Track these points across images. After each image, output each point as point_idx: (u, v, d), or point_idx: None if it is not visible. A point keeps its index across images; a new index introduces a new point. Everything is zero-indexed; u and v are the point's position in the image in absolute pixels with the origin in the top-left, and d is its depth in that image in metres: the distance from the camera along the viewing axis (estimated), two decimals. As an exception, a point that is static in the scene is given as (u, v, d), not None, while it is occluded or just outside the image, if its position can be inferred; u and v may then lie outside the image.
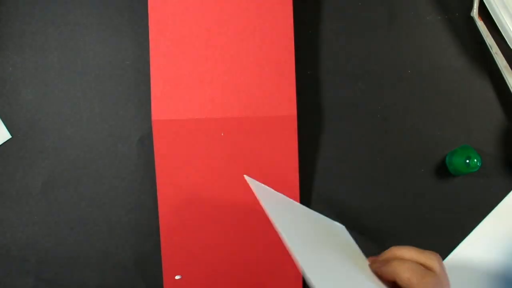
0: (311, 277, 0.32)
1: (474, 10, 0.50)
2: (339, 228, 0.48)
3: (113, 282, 0.49)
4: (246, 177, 0.47)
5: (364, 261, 0.42)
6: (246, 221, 0.49)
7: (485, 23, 0.50)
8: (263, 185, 0.47)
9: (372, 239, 0.50)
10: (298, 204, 0.48)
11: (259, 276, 0.49)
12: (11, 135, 0.48)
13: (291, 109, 0.48)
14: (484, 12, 0.50)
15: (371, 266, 0.41)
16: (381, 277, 0.39)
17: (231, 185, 0.48)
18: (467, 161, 0.47)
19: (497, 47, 0.50)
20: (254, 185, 0.46)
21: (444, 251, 0.50)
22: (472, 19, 0.50)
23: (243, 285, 0.49)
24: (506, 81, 0.50)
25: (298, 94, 0.50)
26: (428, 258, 0.39)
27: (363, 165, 0.50)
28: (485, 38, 0.50)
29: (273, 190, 0.47)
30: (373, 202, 0.50)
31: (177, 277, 0.49)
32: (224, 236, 0.49)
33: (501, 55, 0.50)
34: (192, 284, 0.49)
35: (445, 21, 0.51)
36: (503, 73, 0.50)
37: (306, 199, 0.50)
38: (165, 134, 0.48)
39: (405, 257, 0.39)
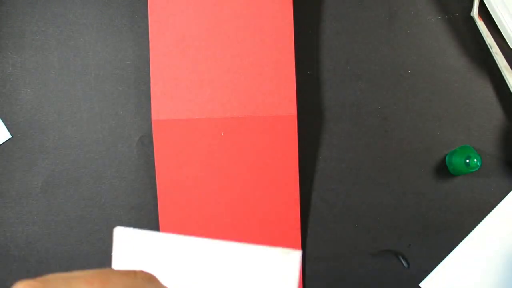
0: None
1: (474, 10, 0.50)
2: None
3: (113, 282, 0.49)
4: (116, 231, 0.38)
5: None
6: (246, 221, 0.49)
7: (485, 23, 0.50)
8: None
9: (372, 239, 0.50)
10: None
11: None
12: (11, 135, 0.48)
13: (291, 109, 0.48)
14: (484, 12, 0.50)
15: None
16: None
17: (231, 185, 0.48)
18: (467, 161, 0.47)
19: (497, 47, 0.50)
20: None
21: (444, 251, 0.50)
22: (472, 19, 0.50)
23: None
24: (506, 81, 0.50)
25: (298, 94, 0.50)
26: None
27: (363, 165, 0.50)
28: (485, 38, 0.50)
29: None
30: (373, 202, 0.50)
31: None
32: (225, 235, 0.49)
33: (501, 55, 0.50)
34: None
35: (445, 21, 0.51)
36: (503, 73, 0.50)
37: (306, 199, 0.50)
38: (165, 134, 0.48)
39: None
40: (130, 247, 0.37)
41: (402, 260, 0.50)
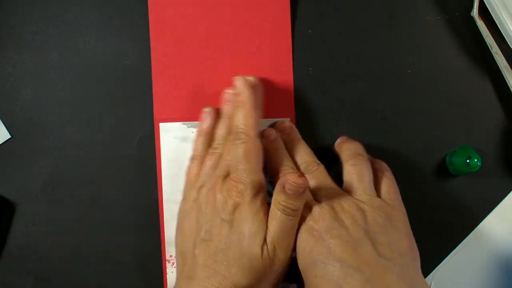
0: None
1: (474, 10, 0.50)
2: None
3: (113, 282, 0.49)
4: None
5: None
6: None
7: (485, 23, 0.50)
8: None
9: (372, 239, 0.50)
10: None
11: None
12: (11, 135, 0.48)
13: (290, 109, 0.48)
14: (484, 12, 0.50)
15: None
16: None
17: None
18: (467, 161, 0.47)
19: (497, 47, 0.50)
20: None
21: (444, 251, 0.50)
22: (472, 19, 0.50)
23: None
24: (506, 81, 0.50)
25: (298, 94, 0.50)
26: None
27: (363, 165, 0.50)
28: (485, 38, 0.50)
29: None
30: (373, 202, 0.50)
31: None
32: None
33: (501, 55, 0.50)
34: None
35: (445, 21, 0.51)
36: (503, 73, 0.50)
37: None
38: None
39: None
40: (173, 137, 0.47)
41: (402, 260, 0.49)
